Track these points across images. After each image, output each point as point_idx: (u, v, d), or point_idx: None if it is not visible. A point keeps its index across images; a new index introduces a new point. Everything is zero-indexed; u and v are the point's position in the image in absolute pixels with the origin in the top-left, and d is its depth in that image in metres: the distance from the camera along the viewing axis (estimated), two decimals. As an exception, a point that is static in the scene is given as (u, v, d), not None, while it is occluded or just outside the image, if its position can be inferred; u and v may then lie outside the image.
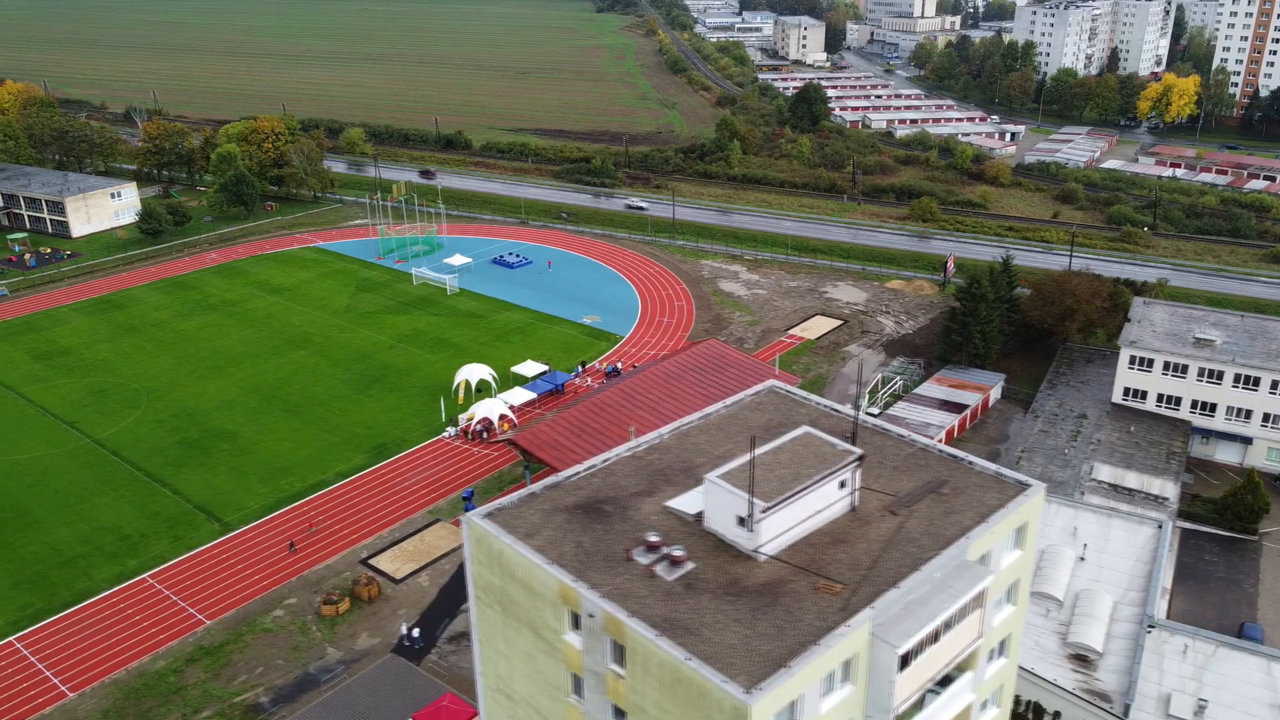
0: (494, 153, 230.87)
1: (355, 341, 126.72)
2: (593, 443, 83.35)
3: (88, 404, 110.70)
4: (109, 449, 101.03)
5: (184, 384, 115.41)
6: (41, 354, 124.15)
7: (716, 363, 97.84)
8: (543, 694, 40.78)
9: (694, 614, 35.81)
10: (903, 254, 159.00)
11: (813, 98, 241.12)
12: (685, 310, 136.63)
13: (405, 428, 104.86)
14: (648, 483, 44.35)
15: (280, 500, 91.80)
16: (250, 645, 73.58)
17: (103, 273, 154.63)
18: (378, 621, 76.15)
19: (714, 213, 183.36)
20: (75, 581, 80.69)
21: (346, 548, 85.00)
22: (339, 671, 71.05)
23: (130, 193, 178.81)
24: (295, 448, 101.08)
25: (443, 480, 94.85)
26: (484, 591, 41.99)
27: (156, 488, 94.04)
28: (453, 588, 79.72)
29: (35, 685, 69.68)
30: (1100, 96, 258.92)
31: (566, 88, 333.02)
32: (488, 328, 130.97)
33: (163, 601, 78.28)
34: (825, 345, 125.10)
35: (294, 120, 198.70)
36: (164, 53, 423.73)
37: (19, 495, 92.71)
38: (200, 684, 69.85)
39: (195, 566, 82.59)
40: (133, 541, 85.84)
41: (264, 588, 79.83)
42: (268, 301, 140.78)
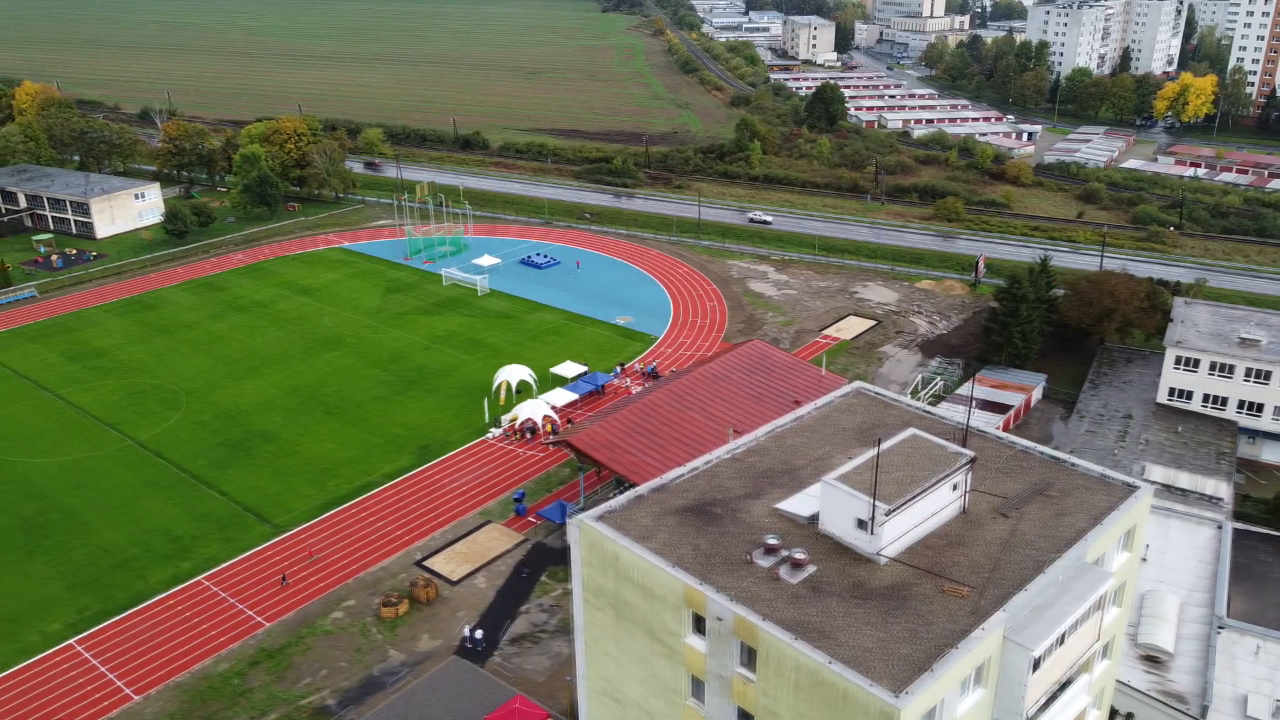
0: (512, 153, 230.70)
1: (389, 343, 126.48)
2: (646, 444, 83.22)
3: (127, 405, 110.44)
4: (152, 450, 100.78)
5: (221, 385, 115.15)
6: (76, 355, 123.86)
7: (761, 363, 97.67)
8: (657, 697, 40.62)
9: (824, 617, 35.67)
10: (930, 254, 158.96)
11: (830, 97, 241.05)
12: (717, 311, 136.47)
13: (447, 429, 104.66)
14: (752, 485, 44.22)
15: (328, 502, 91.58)
16: (312, 647, 73.37)
17: (130, 274, 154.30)
18: (437, 624, 75.96)
19: (737, 213, 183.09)
20: (130, 584, 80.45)
21: (399, 550, 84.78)
22: (403, 674, 70.86)
23: (154, 193, 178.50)
24: (338, 449, 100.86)
25: (490, 482, 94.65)
26: (594, 595, 41.83)
27: (203, 489, 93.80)
28: (510, 589, 79.57)
29: (99, 688, 69.44)
30: (1116, 96, 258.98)
31: (578, 88, 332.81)
32: (521, 328, 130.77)
33: (220, 604, 78.04)
34: (861, 346, 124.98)
35: (315, 121, 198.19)
36: (171, 53, 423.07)
37: (66, 497, 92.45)
38: (264, 686, 69.65)
39: (249, 568, 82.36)
40: (184, 543, 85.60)
41: (320, 590, 79.61)
42: (298, 302, 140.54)
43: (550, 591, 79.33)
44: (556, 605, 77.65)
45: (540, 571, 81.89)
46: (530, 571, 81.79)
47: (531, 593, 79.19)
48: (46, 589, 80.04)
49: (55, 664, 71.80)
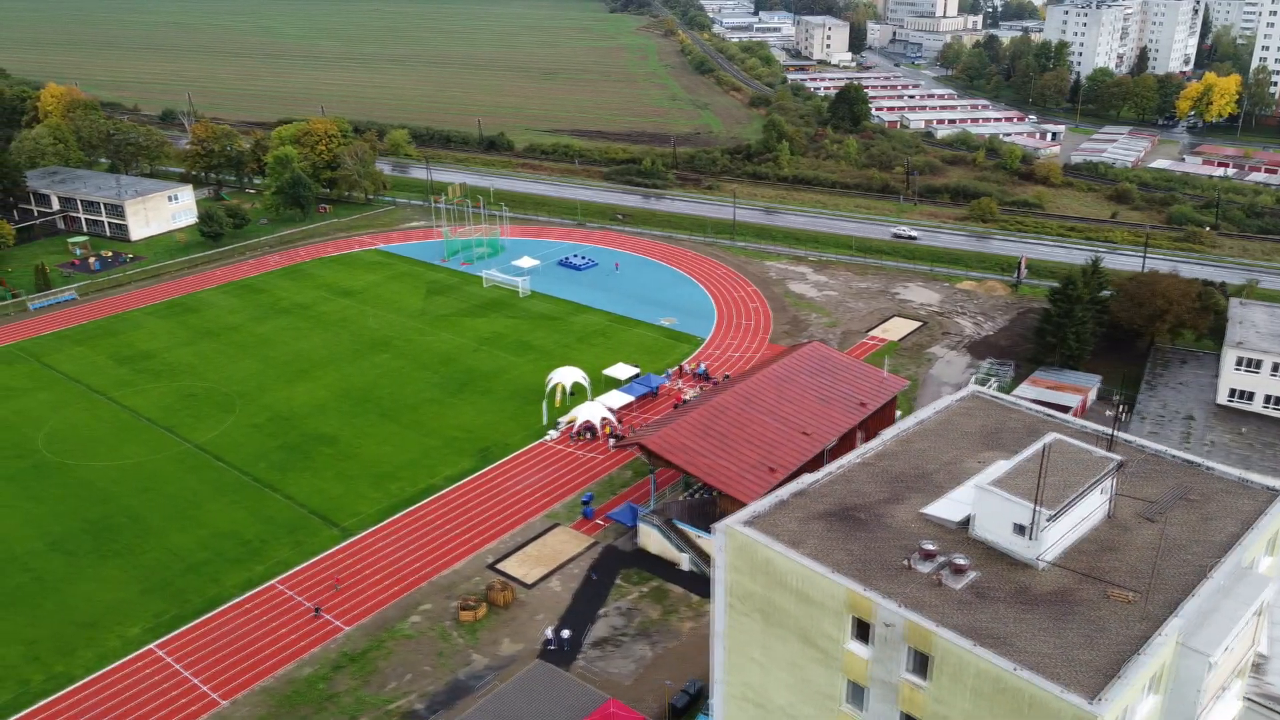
0: (537, 154, 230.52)
1: (436, 345, 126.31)
2: (718, 446, 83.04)
3: (180, 408, 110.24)
4: (211, 454, 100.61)
5: (272, 388, 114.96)
6: (124, 358, 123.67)
7: (823, 366, 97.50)
8: (807, 703, 40.47)
9: (996, 623, 35.54)
10: (968, 254, 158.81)
11: (853, 98, 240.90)
12: (760, 312, 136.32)
13: (504, 431, 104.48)
14: (890, 490, 44.09)
15: (393, 505, 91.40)
16: (394, 652, 73.20)
17: (169, 276, 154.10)
18: (516, 627, 75.79)
19: (769, 214, 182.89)
20: (204, 588, 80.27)
21: (470, 553, 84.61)
22: (488, 678, 70.68)
23: (186, 195, 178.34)
24: (397, 452, 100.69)
25: (554, 484, 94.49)
26: (740, 600, 41.66)
27: (266, 493, 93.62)
28: (585, 592, 79.38)
29: (185, 693, 69.26)
30: (1139, 96, 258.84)
31: (595, 88, 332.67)
32: (567, 330, 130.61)
33: (296, 608, 77.87)
34: (909, 347, 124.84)
35: (345, 122, 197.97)
36: (181, 54, 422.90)
37: (131, 501, 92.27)
38: (351, 691, 69.49)
39: (321, 572, 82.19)
40: (254, 547, 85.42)
41: (395, 594, 79.43)
42: (341, 304, 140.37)
43: (626, 595, 79.15)
44: (634, 608, 77.47)
45: (613, 574, 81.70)
46: (603, 574, 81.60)
47: (608, 596, 78.99)
48: (120, 593, 79.85)
49: (138, 669, 71.60)
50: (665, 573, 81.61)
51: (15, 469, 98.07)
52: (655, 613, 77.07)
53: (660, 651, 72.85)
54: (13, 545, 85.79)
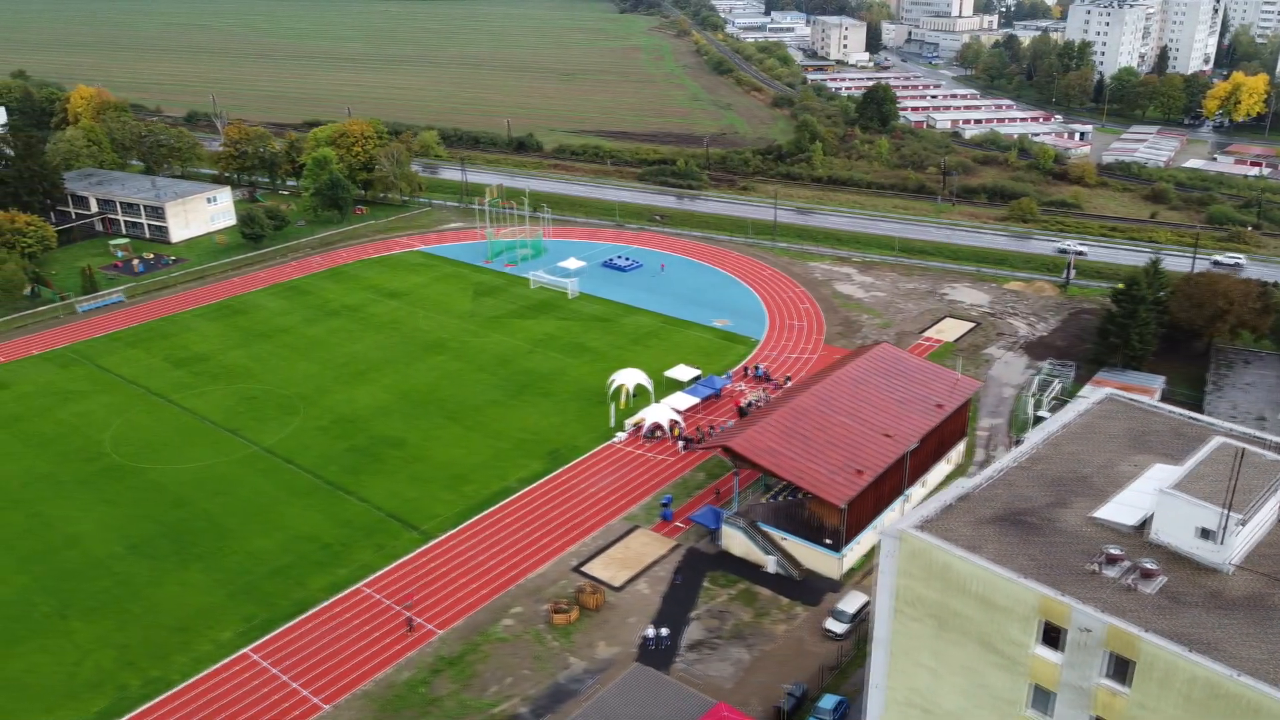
0: (567, 155, 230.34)
1: (491, 346, 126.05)
2: (803, 448, 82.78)
3: (242, 411, 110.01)
4: (279, 456, 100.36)
5: (332, 390, 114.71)
6: (179, 360, 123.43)
7: (895, 367, 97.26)
8: (983, 708, 40.26)
9: (1198, 628, 35.34)
10: (1014, 255, 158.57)
11: (882, 98, 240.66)
12: (812, 313, 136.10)
13: (570, 433, 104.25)
14: (1053, 494, 43.89)
15: (469, 508, 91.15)
16: (490, 655, 72.97)
17: (213, 278, 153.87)
18: (610, 630, 75.57)
19: (807, 215, 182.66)
20: (290, 591, 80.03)
21: (553, 556, 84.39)
22: (589, 681, 70.45)
23: (225, 197, 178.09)
24: (467, 454, 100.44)
25: (627, 486, 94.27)
26: (911, 605, 41.44)
27: (341, 495, 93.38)
28: (674, 595, 79.13)
29: (286, 697, 69.05)
30: (1165, 96, 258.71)
31: (614, 89, 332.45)
32: (619, 332, 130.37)
33: (385, 611, 77.61)
34: (965, 348, 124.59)
35: (380, 124, 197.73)
36: (197, 55, 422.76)
37: (206, 504, 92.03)
38: (453, 695, 69.27)
39: (406, 575, 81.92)
40: (335, 551, 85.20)
41: (483, 597, 79.19)
42: (389, 306, 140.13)
43: (715, 597, 78.92)
44: (725, 611, 77.25)
45: (699, 577, 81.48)
46: (689, 577, 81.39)
47: (697, 598, 78.78)
48: (207, 597, 79.62)
49: (235, 673, 71.38)
50: (751, 575, 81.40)
51: (86, 472, 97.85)
52: (746, 615, 76.87)
53: (757, 654, 72.64)
54: (93, 549, 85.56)
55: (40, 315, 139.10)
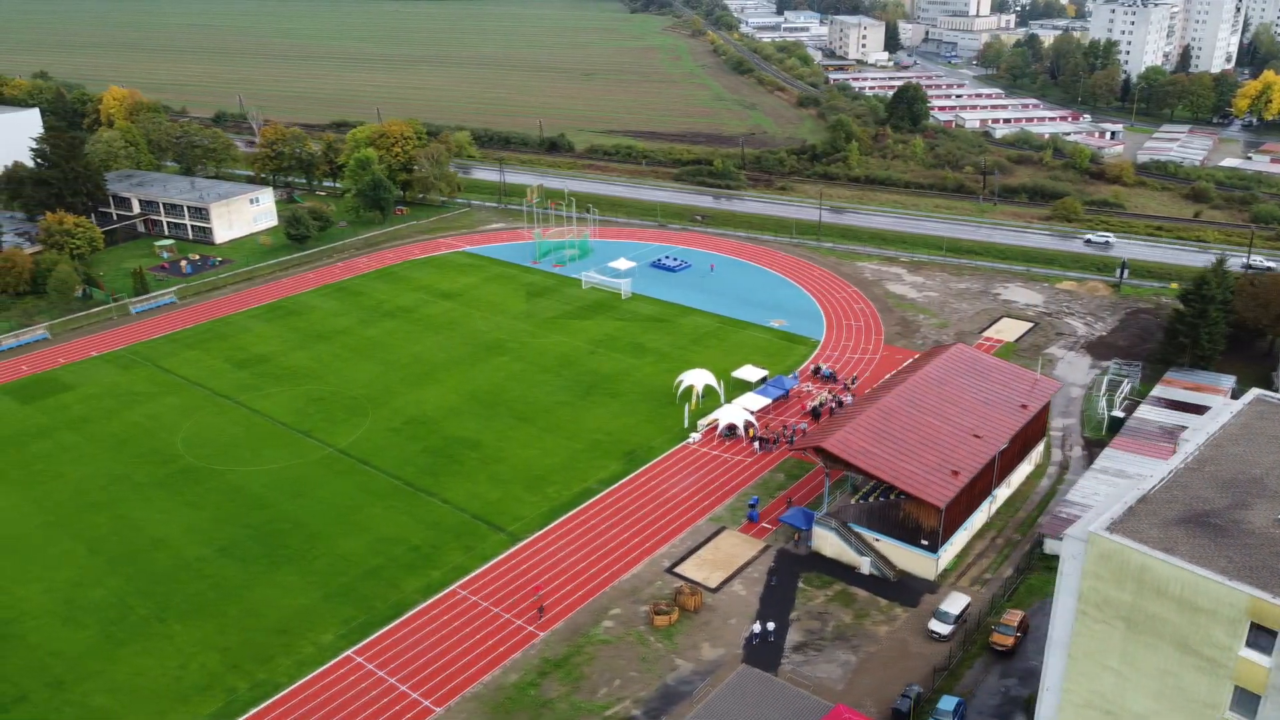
0: (599, 155, 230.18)
1: (551, 347, 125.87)
2: (896, 449, 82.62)
3: (312, 412, 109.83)
4: (355, 458, 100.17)
5: (399, 391, 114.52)
6: (241, 362, 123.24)
7: (974, 368, 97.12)
8: (1177, 711, 40.09)
9: None
10: (1062, 254, 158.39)
11: (913, 97, 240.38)
12: (867, 313, 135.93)
13: (644, 434, 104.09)
14: (1231, 495, 43.75)
15: (553, 509, 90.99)
16: (595, 657, 72.81)
17: (262, 279, 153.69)
18: (712, 631, 75.42)
19: (848, 214, 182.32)
20: (386, 593, 79.86)
21: (644, 557, 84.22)
22: (697, 683, 70.29)
23: (267, 198, 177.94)
24: (543, 455, 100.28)
25: (709, 487, 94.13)
26: (1098, 608, 41.26)
27: (423, 497, 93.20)
28: (771, 596, 78.98)
29: (396, 700, 68.85)
30: (1194, 94, 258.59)
31: (636, 89, 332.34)
32: (678, 332, 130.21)
33: (484, 613, 77.43)
34: (1026, 348, 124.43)
35: (419, 124, 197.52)
36: (214, 56, 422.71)
37: (288, 507, 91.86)
38: (564, 697, 69.09)
39: (499, 577, 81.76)
40: (424, 553, 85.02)
41: (581, 599, 79.05)
42: (444, 307, 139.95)
43: (812, 599, 78.77)
44: (824, 612, 77.10)
45: (793, 578, 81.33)
46: (783, 578, 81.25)
47: (794, 600, 78.64)
48: (302, 599, 79.45)
49: (341, 675, 71.19)
50: (846, 576, 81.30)
51: (163, 474, 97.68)
52: (846, 616, 76.73)
53: (863, 656, 72.49)
54: (183, 551, 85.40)
55: (93, 317, 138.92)
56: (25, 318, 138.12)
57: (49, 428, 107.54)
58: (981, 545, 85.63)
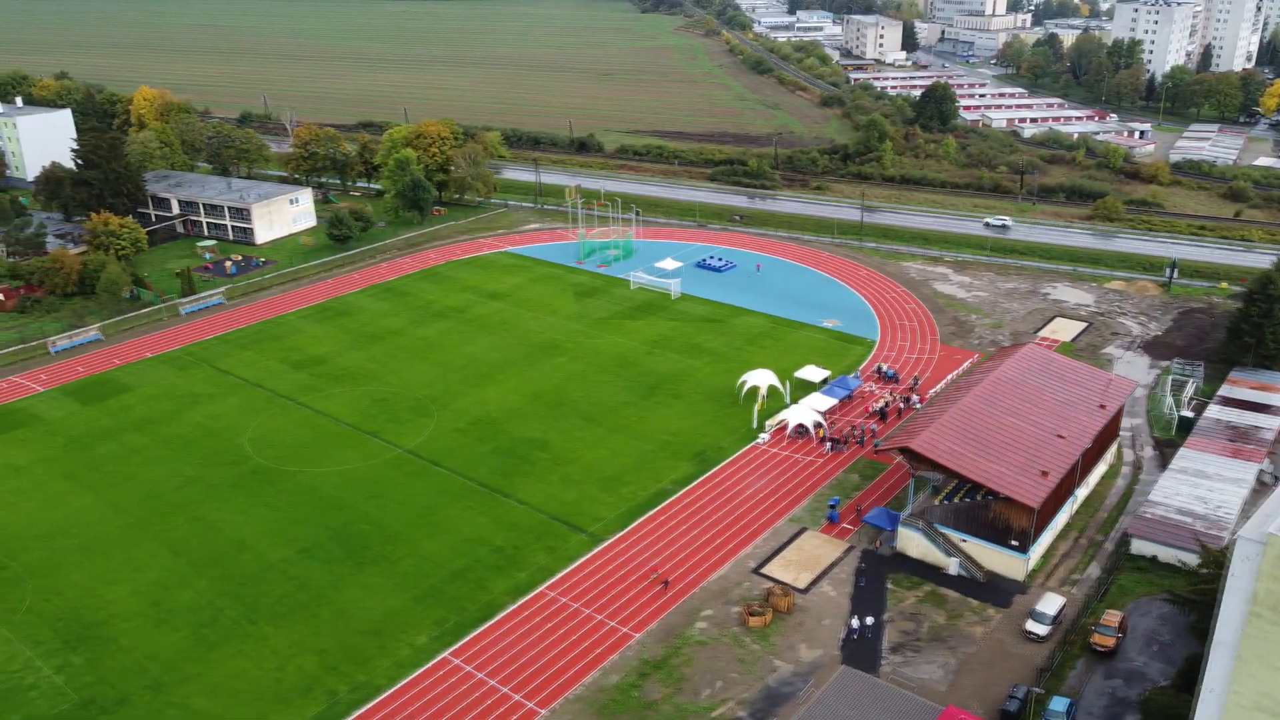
0: (629, 155, 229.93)
1: (607, 348, 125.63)
2: (980, 449, 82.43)
3: (376, 413, 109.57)
4: (425, 459, 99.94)
5: (460, 392, 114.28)
6: (296, 363, 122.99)
7: (1048, 368, 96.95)
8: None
9: None
10: (1107, 254, 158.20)
11: (942, 96, 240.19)
12: (920, 314, 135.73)
13: (711, 434, 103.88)
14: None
15: (630, 510, 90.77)
16: (694, 659, 72.58)
17: (307, 279, 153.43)
18: (807, 632, 75.22)
19: (885, 214, 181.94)
20: (475, 595, 79.62)
21: (728, 558, 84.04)
22: (798, 684, 70.08)
23: (306, 199, 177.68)
24: (613, 456, 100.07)
25: (784, 488, 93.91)
26: (1273, 609, 41.03)
27: (498, 498, 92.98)
28: (861, 597, 78.75)
29: (499, 702, 68.61)
30: (1222, 93, 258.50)
31: (656, 89, 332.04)
32: (732, 332, 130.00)
33: (575, 615, 77.20)
34: (1083, 348, 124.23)
35: (455, 125, 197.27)
36: (230, 56, 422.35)
37: (365, 508, 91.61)
38: (667, 699, 68.88)
39: (585, 578, 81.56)
40: (508, 554, 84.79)
41: (671, 600, 78.81)
42: (493, 307, 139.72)
43: (902, 600, 78.57)
44: (917, 613, 76.89)
45: (880, 579, 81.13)
46: (870, 579, 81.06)
47: (885, 601, 78.44)
48: (391, 601, 79.21)
49: (441, 677, 70.95)
50: (933, 576, 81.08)
51: (234, 476, 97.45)
52: (940, 617, 76.51)
53: (962, 657, 72.27)
54: (264, 553, 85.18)
55: (143, 318, 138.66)
56: (76, 319, 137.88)
57: (114, 429, 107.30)
58: (1065, 546, 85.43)
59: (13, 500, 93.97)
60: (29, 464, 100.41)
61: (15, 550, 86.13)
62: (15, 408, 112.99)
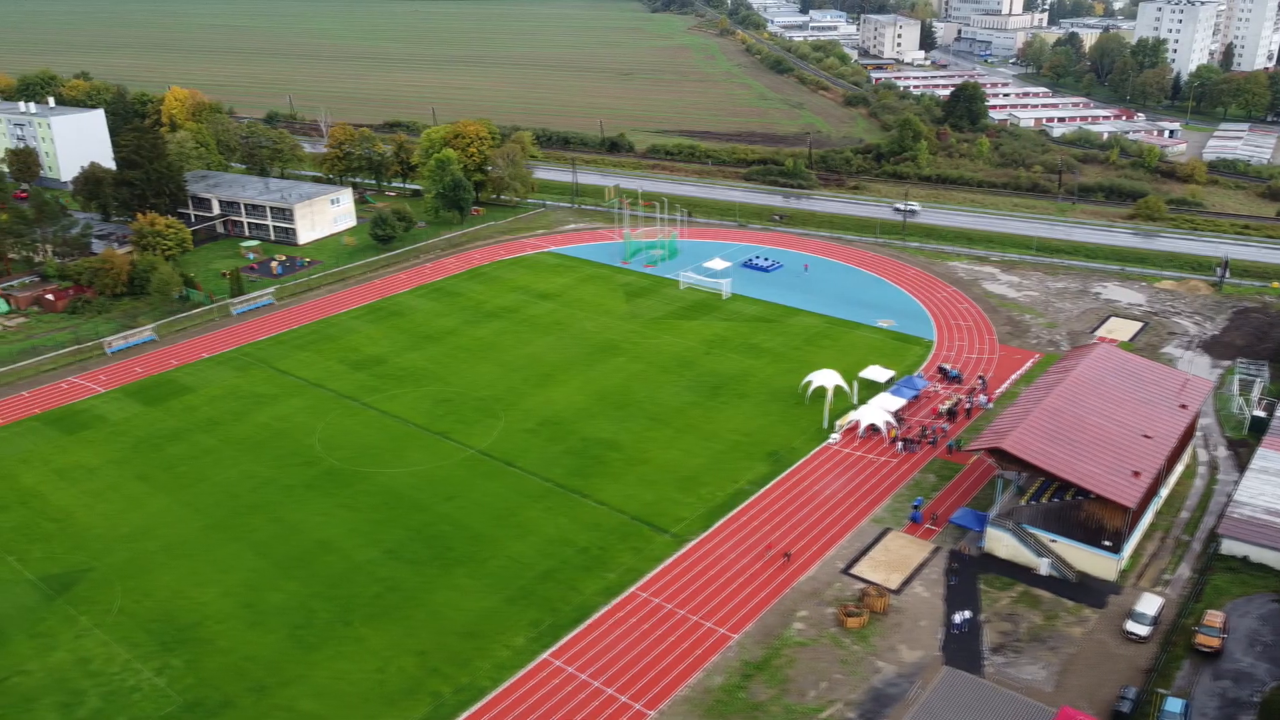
0: (661, 155, 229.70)
1: (665, 348, 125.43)
2: (1071, 449, 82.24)
3: (442, 414, 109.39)
4: (498, 459, 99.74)
5: (525, 392, 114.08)
6: (356, 363, 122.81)
7: (1124, 367, 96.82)
8: None
9: None
10: (1154, 254, 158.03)
11: (971, 95, 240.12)
12: (974, 313, 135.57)
13: (781, 435, 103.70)
14: None
15: (711, 510, 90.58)
16: (795, 660, 72.42)
17: (354, 280, 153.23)
18: (905, 633, 75.04)
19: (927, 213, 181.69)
20: (566, 596, 79.42)
21: (815, 559, 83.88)
22: (903, 685, 69.93)
23: (346, 199, 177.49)
24: (686, 456, 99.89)
25: (862, 488, 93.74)
26: None
27: (576, 499, 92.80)
28: (955, 597, 78.53)
29: (606, 704, 68.40)
30: (1250, 92, 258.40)
31: (677, 89, 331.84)
32: (788, 333, 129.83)
33: (669, 616, 77.02)
34: (1143, 348, 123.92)
35: (492, 124, 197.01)
36: (246, 56, 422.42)
37: (444, 508, 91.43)
38: (774, 700, 68.71)
39: (675, 578, 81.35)
40: (594, 554, 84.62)
41: (764, 600, 78.66)
42: (545, 308, 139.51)
43: (996, 600, 78.37)
44: (1013, 614, 76.71)
45: (971, 579, 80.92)
46: (961, 579, 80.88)
47: (979, 601, 78.26)
48: (483, 602, 79.03)
49: (544, 679, 70.73)
50: (1024, 577, 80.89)
51: (308, 476, 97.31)
52: (1036, 618, 76.32)
53: (1064, 658, 72.09)
54: (350, 554, 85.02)
55: (195, 318, 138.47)
56: (128, 319, 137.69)
57: (181, 430, 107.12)
58: (1152, 546, 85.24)
59: (89, 501, 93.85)
60: (101, 465, 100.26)
61: (99, 551, 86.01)
62: (79, 408, 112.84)
